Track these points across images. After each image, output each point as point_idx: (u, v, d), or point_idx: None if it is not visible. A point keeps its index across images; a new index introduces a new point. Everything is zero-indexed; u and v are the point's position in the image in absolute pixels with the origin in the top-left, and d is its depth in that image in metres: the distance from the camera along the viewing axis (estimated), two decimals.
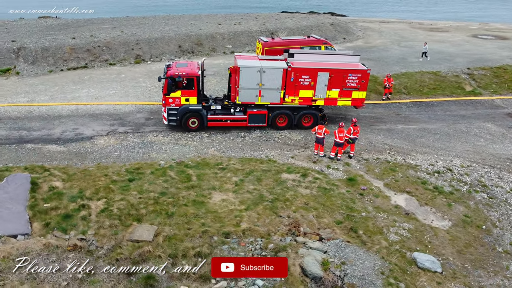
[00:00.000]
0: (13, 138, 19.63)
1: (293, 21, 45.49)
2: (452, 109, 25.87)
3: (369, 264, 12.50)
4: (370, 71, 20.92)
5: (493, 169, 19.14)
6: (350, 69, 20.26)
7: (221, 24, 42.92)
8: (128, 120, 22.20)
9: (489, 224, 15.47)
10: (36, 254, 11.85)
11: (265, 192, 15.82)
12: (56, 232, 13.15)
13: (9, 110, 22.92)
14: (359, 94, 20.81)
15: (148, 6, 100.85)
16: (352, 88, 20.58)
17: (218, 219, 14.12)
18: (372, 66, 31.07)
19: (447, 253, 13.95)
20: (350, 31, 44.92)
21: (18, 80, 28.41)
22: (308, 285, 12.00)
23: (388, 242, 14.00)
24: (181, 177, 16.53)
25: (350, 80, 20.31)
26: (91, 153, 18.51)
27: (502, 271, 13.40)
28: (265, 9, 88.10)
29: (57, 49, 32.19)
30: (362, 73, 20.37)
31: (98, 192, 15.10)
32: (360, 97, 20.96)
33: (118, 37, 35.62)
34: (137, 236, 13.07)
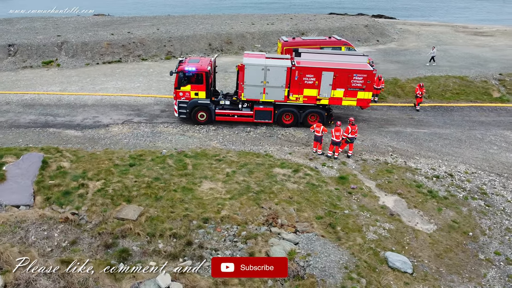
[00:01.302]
0: (39, 122, 21.68)
1: (327, 22, 45.42)
2: (472, 115, 24.97)
3: (334, 258, 12.78)
4: (376, 71, 20.82)
5: (499, 177, 18.46)
6: (355, 69, 20.32)
7: (254, 24, 43.82)
8: (145, 111, 23.66)
9: (477, 232, 15.09)
10: (31, 222, 13.34)
11: (253, 184, 16.45)
12: (54, 206, 14.64)
13: (43, 97, 25.20)
14: (365, 94, 20.80)
15: (199, 5, 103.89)
16: (357, 88, 20.62)
17: (201, 206, 14.97)
18: (397, 69, 30.88)
19: (423, 255, 13.86)
20: (385, 33, 44.11)
21: (57, 71, 30.97)
22: None
23: (364, 240, 14.14)
24: (178, 165, 17.56)
25: (356, 80, 20.36)
26: (103, 139, 20.05)
27: (477, 278, 13.13)
28: (314, 10, 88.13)
29: (95, 44, 34.61)
30: (368, 74, 20.36)
31: (99, 174, 16.48)
32: (365, 97, 20.94)
33: (153, 34, 37.58)
34: (123, 215, 14.22)
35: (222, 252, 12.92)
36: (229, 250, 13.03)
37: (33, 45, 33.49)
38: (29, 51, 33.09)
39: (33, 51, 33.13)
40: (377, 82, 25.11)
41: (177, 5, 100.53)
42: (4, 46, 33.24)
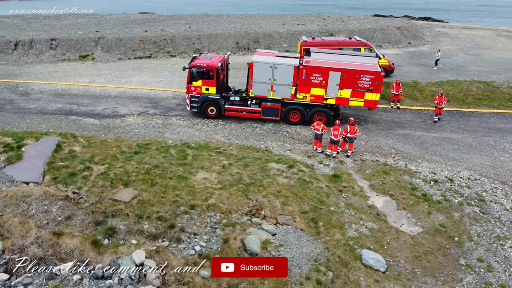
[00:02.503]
0: (64, 110, 23.54)
1: (358, 23, 44.97)
2: (491, 121, 24.09)
3: (306, 250, 13.19)
4: (383, 73, 20.71)
5: (503, 185, 17.90)
6: (363, 70, 20.35)
7: (285, 23, 44.27)
8: (161, 104, 24.96)
9: (464, 237, 14.85)
10: (35, 197, 14.81)
11: (245, 177, 17.09)
12: (59, 185, 16.06)
13: (72, 88, 27.21)
14: (372, 95, 20.78)
15: (249, 5, 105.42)
16: (364, 89, 20.65)
17: (191, 193, 15.83)
18: (421, 72, 30.32)
19: (401, 256, 13.91)
20: (419, 36, 43.01)
21: (91, 64, 33.14)
22: None
23: (344, 237, 14.40)
24: (179, 155, 18.54)
25: (363, 81, 20.40)
26: (117, 128, 21.49)
27: (452, 282, 13.02)
28: (359, 12, 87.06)
29: (129, 40, 36.61)
30: (376, 75, 20.33)
31: (105, 159, 17.79)
32: (373, 98, 20.91)
33: (184, 31, 39.10)
34: (117, 197, 15.38)
35: (200, 237, 13.72)
36: (207, 236, 13.79)
37: (72, 40, 36.01)
38: (68, 45, 35.63)
39: (72, 45, 35.63)
40: (396, 88, 24.76)
41: (227, 4, 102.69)
42: (47, 40, 35.99)
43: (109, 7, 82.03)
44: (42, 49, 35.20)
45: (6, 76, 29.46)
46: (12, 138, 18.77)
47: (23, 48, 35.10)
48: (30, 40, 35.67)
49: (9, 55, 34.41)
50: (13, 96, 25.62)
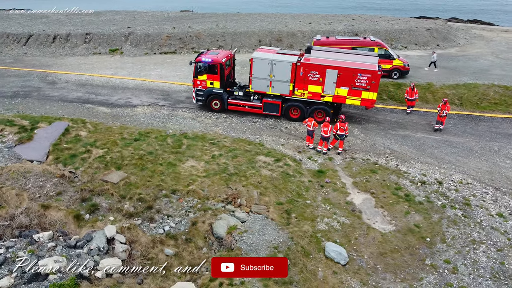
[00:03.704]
0: (82, 99, 25.38)
1: (388, 24, 44.20)
2: (502, 127, 23.19)
3: (268, 238, 13.72)
4: (380, 73, 20.62)
5: (495, 191, 17.38)
6: (360, 68, 20.40)
7: (311, 23, 44.42)
8: (172, 97, 26.22)
9: (437, 239, 14.70)
10: (34, 174, 16.37)
11: (231, 167, 17.82)
12: (60, 164, 17.60)
13: (95, 79, 29.17)
14: (369, 94, 20.78)
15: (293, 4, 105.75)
16: (361, 88, 20.69)
17: (176, 179, 16.80)
18: (440, 74, 29.62)
19: (365, 251, 14.06)
20: (450, 38, 41.62)
21: (119, 58, 35.18)
22: (208, 241, 13.96)
23: (313, 229, 14.76)
24: (174, 144, 19.59)
25: (360, 79, 20.47)
26: (125, 117, 22.93)
27: (412, 280, 13.03)
28: (402, 13, 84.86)
29: (156, 36, 38.42)
30: (372, 74, 20.32)
31: (106, 144, 19.19)
32: (370, 97, 20.90)
33: (210, 29, 40.38)
34: (108, 178, 16.65)
35: (172, 219, 14.66)
36: (179, 218, 14.70)
37: (105, 35, 38.35)
38: (100, 40, 37.98)
39: (104, 40, 37.95)
40: (410, 93, 24.29)
41: (275, 5, 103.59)
42: (82, 34, 38.57)
43: (155, 5, 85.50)
44: (76, 43, 37.79)
45: (40, 66, 32.03)
46: (29, 122, 20.68)
47: (60, 41, 37.86)
48: (67, 34, 38.39)
49: (47, 47, 37.25)
50: (41, 85, 27.89)
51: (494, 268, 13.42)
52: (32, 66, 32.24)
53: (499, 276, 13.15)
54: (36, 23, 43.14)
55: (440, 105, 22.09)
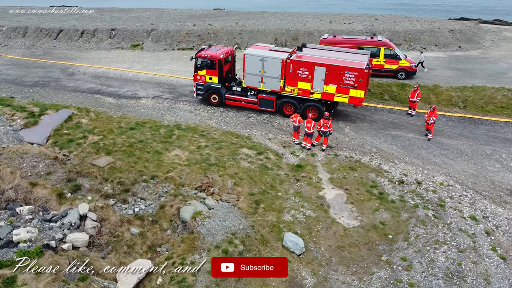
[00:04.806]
0: (93, 90, 27.06)
1: (411, 24, 43.25)
2: (502, 131, 22.47)
3: (228, 224, 14.37)
4: (368, 71, 20.65)
5: (475, 194, 17.10)
6: (347, 66, 20.57)
7: (332, 22, 44.33)
8: (177, 90, 27.37)
9: (400, 237, 14.78)
10: (30, 155, 17.90)
11: (213, 158, 18.61)
12: (56, 148, 19.09)
13: (111, 72, 30.89)
14: (357, 92, 20.88)
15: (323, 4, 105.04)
16: (349, 85, 20.85)
17: (158, 166, 17.81)
18: (451, 76, 29.06)
19: (324, 244, 14.41)
20: (474, 40, 40.19)
21: (138, 53, 36.90)
22: (173, 224, 14.83)
23: (278, 220, 15.27)
24: (165, 134, 20.64)
25: (347, 77, 20.64)
26: (128, 107, 24.29)
27: (363, 274, 13.27)
28: (443, 14, 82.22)
29: (176, 32, 39.87)
30: (360, 72, 20.42)
31: (103, 131, 20.54)
32: (357, 95, 20.99)
33: (229, 27, 41.34)
34: (96, 162, 17.92)
35: (144, 201, 15.65)
36: (150, 201, 15.68)
37: (128, 30, 40.27)
38: (124, 35, 39.94)
39: (127, 35, 39.87)
40: (412, 94, 24.09)
41: (312, 5, 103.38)
42: (108, 29, 40.70)
43: (190, 3, 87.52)
44: (102, 38, 39.94)
45: (64, 59, 34.26)
46: (39, 108, 22.43)
47: (87, 36, 40.16)
48: (94, 30, 40.65)
49: (75, 41, 39.65)
50: (61, 76, 29.93)
51: (449, 268, 13.39)
52: (58, 59, 34.54)
53: (452, 276, 13.12)
54: (69, 19, 45.87)
55: (428, 112, 21.51)
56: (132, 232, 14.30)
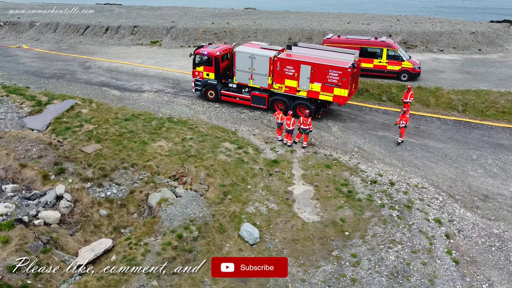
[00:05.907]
0: (102, 82, 28.72)
1: (431, 26, 42.15)
2: (497, 136, 21.77)
3: (188, 211, 15.16)
4: (351, 70, 20.71)
5: (448, 197, 16.91)
6: (331, 65, 20.78)
7: (350, 22, 43.99)
8: (180, 86, 28.50)
9: (357, 234, 14.97)
10: (28, 139, 19.53)
11: (193, 150, 19.47)
12: (53, 134, 20.65)
13: (124, 66, 32.56)
14: (341, 91, 21.05)
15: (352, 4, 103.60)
16: (333, 84, 21.05)
17: (140, 155, 18.91)
18: (458, 79, 28.49)
19: (279, 236, 14.87)
20: (497, 43, 38.63)
21: (156, 49, 38.50)
22: (140, 209, 15.83)
23: (240, 210, 15.90)
24: (156, 126, 21.73)
25: (331, 76, 20.86)
26: (129, 100, 25.65)
27: (309, 267, 13.62)
28: (483, 16, 79.15)
29: (193, 30, 41.16)
30: (343, 71, 20.58)
31: (99, 121, 21.93)
32: (341, 94, 21.16)
33: (245, 25, 42.13)
34: (84, 149, 19.28)
35: (118, 186, 16.76)
36: (124, 186, 16.76)
37: (149, 28, 42.01)
38: (145, 32, 41.72)
39: (148, 32, 41.61)
40: (405, 95, 23.84)
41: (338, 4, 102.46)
42: (131, 26, 42.67)
43: (222, 2, 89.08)
44: (124, 34, 41.94)
45: (85, 53, 36.40)
46: (48, 98, 24.22)
47: (110, 32, 42.30)
48: (118, 26, 42.74)
49: (99, 37, 41.88)
50: (77, 69, 31.92)
51: (396, 267, 13.48)
52: (80, 53, 36.74)
53: (397, 275, 13.22)
54: (97, 16, 48.36)
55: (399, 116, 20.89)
56: (100, 213, 15.44)
